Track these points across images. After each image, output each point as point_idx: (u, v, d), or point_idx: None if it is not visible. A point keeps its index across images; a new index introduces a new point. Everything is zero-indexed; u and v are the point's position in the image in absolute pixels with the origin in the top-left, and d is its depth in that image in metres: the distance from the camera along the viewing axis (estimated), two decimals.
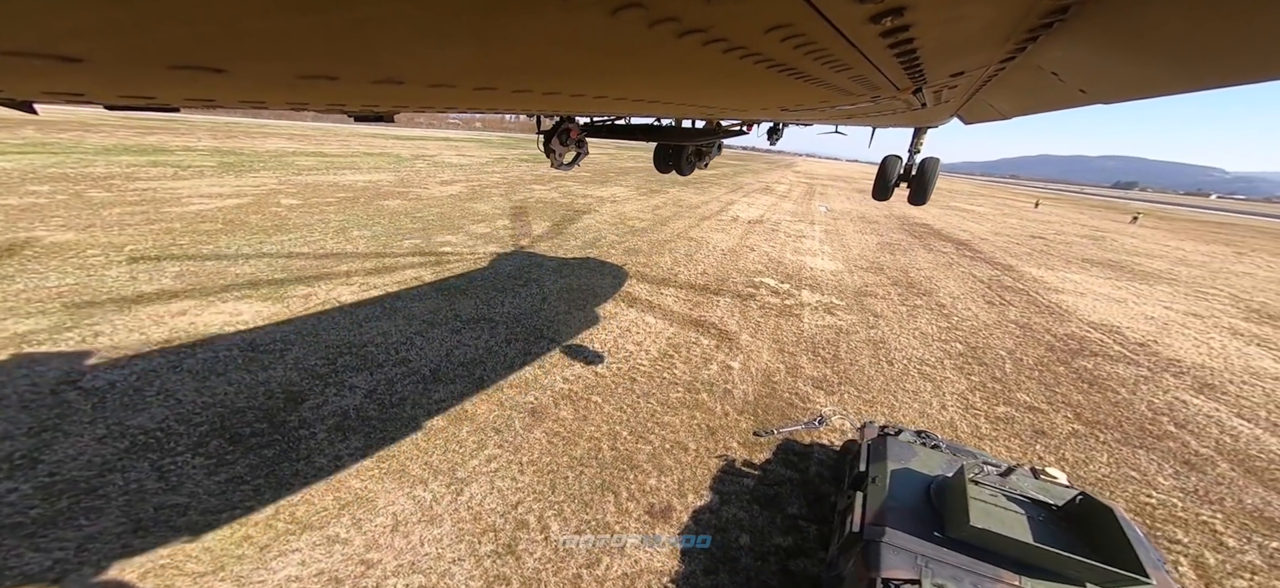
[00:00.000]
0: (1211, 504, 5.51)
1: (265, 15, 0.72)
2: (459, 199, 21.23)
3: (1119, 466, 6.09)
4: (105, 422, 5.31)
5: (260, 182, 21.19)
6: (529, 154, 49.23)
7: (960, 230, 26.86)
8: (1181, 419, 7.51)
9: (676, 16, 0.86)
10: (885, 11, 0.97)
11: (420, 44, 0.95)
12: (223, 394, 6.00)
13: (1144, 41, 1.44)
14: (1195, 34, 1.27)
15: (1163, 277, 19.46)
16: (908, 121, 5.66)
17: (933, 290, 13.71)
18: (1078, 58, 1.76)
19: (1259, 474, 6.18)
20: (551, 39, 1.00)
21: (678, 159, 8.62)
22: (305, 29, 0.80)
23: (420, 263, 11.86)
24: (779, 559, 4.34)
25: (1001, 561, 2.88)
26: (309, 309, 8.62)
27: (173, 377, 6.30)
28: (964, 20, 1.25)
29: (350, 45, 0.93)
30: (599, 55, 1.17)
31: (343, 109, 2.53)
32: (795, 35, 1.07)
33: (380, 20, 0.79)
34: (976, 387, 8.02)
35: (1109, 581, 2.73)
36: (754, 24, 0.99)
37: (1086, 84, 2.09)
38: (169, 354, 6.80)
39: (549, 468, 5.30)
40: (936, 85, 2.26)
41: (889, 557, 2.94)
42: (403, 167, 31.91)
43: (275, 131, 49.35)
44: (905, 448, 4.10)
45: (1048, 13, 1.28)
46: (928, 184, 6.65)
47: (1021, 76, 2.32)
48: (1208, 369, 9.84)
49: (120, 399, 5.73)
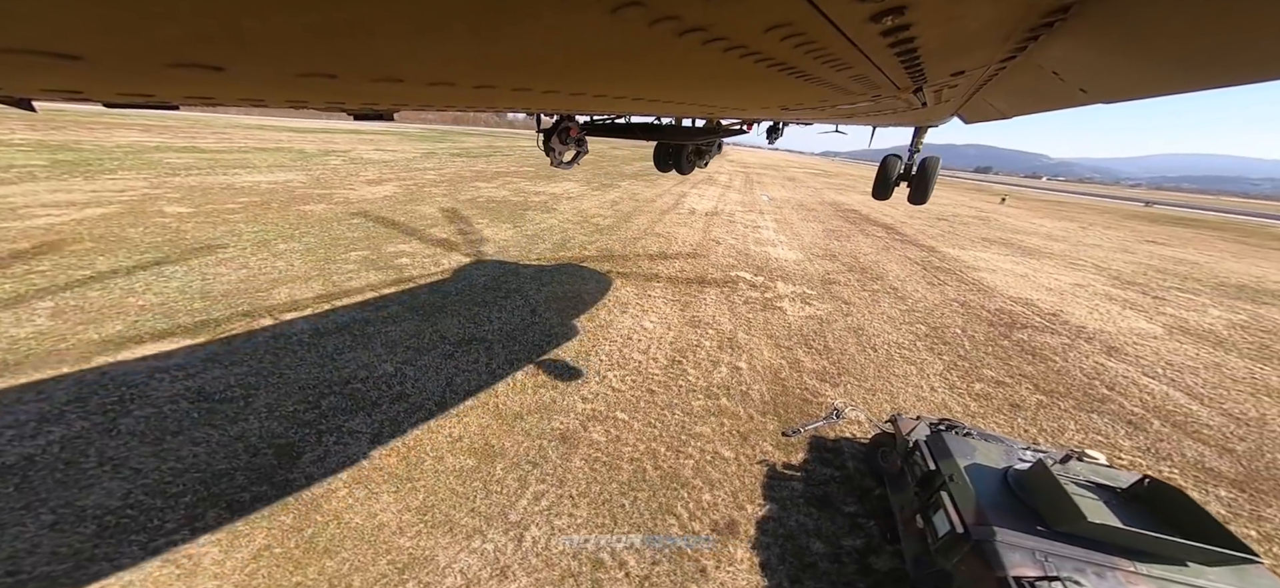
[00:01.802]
0: (1166, 460, 6.56)
1: (265, 14, 0.71)
2: (397, 201, 19.46)
3: (1087, 432, 7.05)
4: (47, 505, 4.23)
5: (124, 185, 17.77)
6: (460, 148, 46.39)
7: (884, 215, 29.42)
8: (1109, 382, 8.86)
9: (676, 15, 0.86)
10: (886, 11, 0.97)
11: (420, 42, 0.94)
12: (192, 457, 5.02)
13: (1145, 41, 1.47)
14: (1197, 34, 1.29)
15: (1042, 252, 22.72)
16: (908, 121, 5.77)
17: (883, 275, 14.92)
18: (1079, 57, 1.79)
19: (1183, 428, 7.46)
20: (551, 38, 1.00)
21: (678, 158, 8.55)
22: (305, 27, 0.79)
23: (377, 279, 10.72)
24: (855, 560, 4.51)
25: (1113, 550, 3.11)
26: (257, 344, 7.46)
27: (111, 441, 5.16)
28: (965, 19, 1.25)
29: (350, 43, 0.92)
30: (599, 54, 1.17)
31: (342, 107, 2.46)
32: (795, 34, 1.07)
33: (380, 18, 0.79)
34: (950, 367, 8.87)
35: (1215, 560, 3.03)
36: (754, 23, 0.98)
37: (1087, 83, 2.12)
38: (91, 415, 5.55)
39: (602, 498, 5.06)
40: (937, 85, 2.27)
41: (1010, 556, 3.12)
42: (312, 164, 28.55)
43: (121, 122, 41.42)
44: (963, 442, 4.39)
45: (1049, 12, 1.29)
46: (928, 183, 6.91)
47: (1022, 76, 2.36)
48: (1107, 333, 11.67)
49: (50, 476, 4.59)
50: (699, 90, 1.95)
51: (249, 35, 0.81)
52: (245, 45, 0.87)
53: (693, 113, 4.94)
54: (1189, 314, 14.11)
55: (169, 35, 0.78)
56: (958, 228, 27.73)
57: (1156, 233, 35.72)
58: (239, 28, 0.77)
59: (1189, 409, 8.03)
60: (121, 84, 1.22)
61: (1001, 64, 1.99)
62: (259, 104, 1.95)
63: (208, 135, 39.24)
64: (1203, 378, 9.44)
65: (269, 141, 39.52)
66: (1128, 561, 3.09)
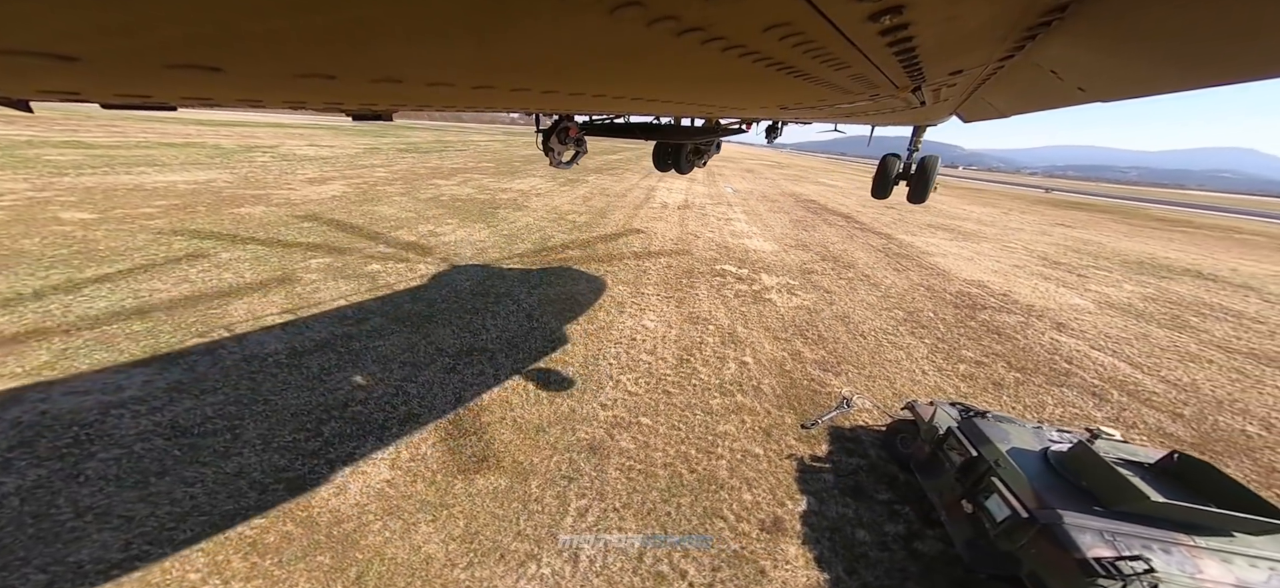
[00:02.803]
0: (1134, 429, 7.31)
1: (262, 15, 0.72)
2: (350, 202, 18.08)
3: (1064, 406, 7.74)
4: (33, 564, 3.58)
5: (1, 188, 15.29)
6: (406, 143, 43.71)
7: (838, 204, 30.86)
8: (1067, 357, 9.77)
9: (675, 15, 0.87)
10: (884, 10, 0.98)
11: (418, 43, 0.95)
12: (190, 499, 4.44)
13: (1142, 40, 1.50)
14: (1193, 33, 1.31)
15: (980, 236, 24.71)
16: (906, 120, 5.82)
17: (854, 263, 15.64)
18: (1076, 56, 1.82)
19: (1137, 396, 8.35)
20: (550, 38, 1.00)
21: (677, 157, 8.48)
22: (302, 28, 0.80)
23: (349, 288, 9.93)
24: (901, 546, 4.70)
25: (1171, 526, 3.33)
26: (226, 368, 6.70)
27: (82, 489, 4.47)
28: (963, 18, 1.27)
29: (348, 44, 0.92)
30: (598, 54, 1.18)
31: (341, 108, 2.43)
32: (794, 34, 1.08)
33: (378, 19, 0.79)
34: (933, 350, 9.44)
35: (1259, 529, 3.29)
36: (753, 23, 0.99)
37: (1085, 82, 2.16)
38: (45, 461, 4.77)
39: (645, 508, 4.97)
40: (935, 83, 2.28)
41: (1081, 537, 3.31)
42: (235, 161, 25.90)
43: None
44: (997, 427, 4.66)
45: (1046, 11, 1.31)
46: (927, 181, 6.96)
47: (1020, 74, 2.38)
48: (1051, 310, 12.87)
49: (21, 534, 3.89)
50: (698, 90, 1.96)
51: (247, 37, 0.81)
52: (243, 47, 0.86)
53: (691, 112, 4.96)
54: (1109, 289, 15.83)
55: (167, 37, 0.78)
56: (905, 215, 29.55)
57: (1062, 217, 39.75)
58: (237, 29, 0.76)
59: (1136, 379, 9.02)
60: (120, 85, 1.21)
61: (1000, 63, 2.03)
62: (257, 105, 1.93)
63: (93, 128, 34.56)
64: (1137, 348, 10.62)
65: (175, 136, 35.47)
66: (1186, 536, 3.31)
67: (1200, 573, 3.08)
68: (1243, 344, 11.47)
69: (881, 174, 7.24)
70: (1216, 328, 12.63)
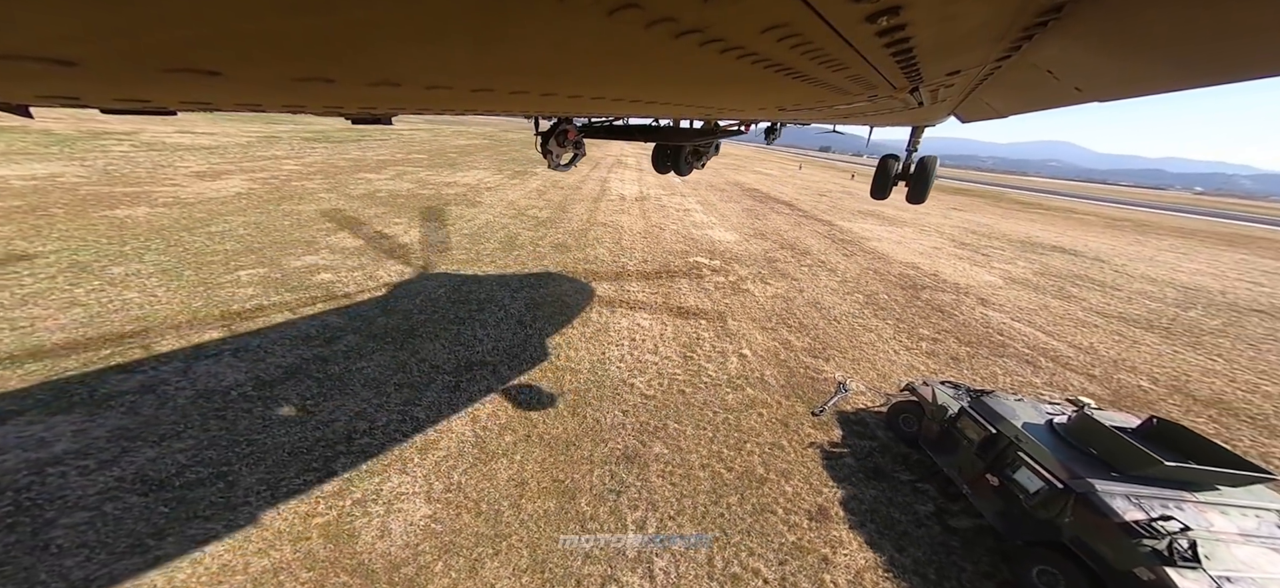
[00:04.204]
0: (1066, 391, 8.59)
1: (259, 18, 0.74)
2: (261, 201, 15.89)
3: (1010, 375, 8.89)
4: None
5: None
6: (313, 131, 38.95)
7: (779, 193, 32.53)
8: (997, 329, 11.22)
9: (673, 17, 0.89)
10: (881, 11, 1.00)
11: (417, 46, 0.97)
12: (213, 560, 3.77)
13: (1138, 40, 1.51)
14: (1188, 33, 1.33)
15: (898, 220, 27.35)
16: (905, 120, 5.68)
17: (808, 249, 16.66)
18: (1073, 56, 1.83)
19: (1058, 361, 9.81)
20: (548, 41, 1.03)
21: (676, 159, 8.46)
22: (300, 32, 0.81)
23: (293, 300, 8.82)
24: (936, 523, 5.18)
25: (1175, 486, 3.88)
26: (181, 406, 5.76)
27: (59, 560, 3.63)
28: (959, 19, 1.28)
29: (346, 48, 0.95)
30: (596, 56, 1.21)
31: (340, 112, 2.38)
32: (792, 35, 1.10)
33: (376, 23, 0.81)
34: (898, 330, 10.39)
35: (1238, 481, 3.88)
36: (751, 24, 1.01)
37: (1081, 82, 2.18)
38: None
39: (700, 513, 5.03)
40: (933, 84, 2.31)
41: (1114, 503, 3.82)
42: (82, 150, 21.37)
43: None
44: (1004, 403, 5.28)
45: (1042, 12, 1.33)
46: (927, 182, 6.87)
47: (1017, 75, 2.40)
48: (973, 287, 14.65)
49: None
50: (696, 92, 2.00)
51: (244, 40, 0.81)
52: (241, 50, 0.87)
53: (690, 114, 5.02)
54: (1008, 266, 18.32)
55: (165, 41, 0.78)
56: (837, 202, 31.89)
57: (952, 202, 45.03)
58: (234, 33, 0.77)
59: (1053, 346, 10.60)
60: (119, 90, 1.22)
61: (997, 63, 2.07)
62: (256, 108, 1.90)
63: None
64: (1044, 318, 12.46)
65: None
66: (1188, 493, 3.89)
67: (1212, 526, 3.68)
68: (1113, 309, 13.86)
69: (880, 174, 7.29)
70: (1090, 296, 15.13)
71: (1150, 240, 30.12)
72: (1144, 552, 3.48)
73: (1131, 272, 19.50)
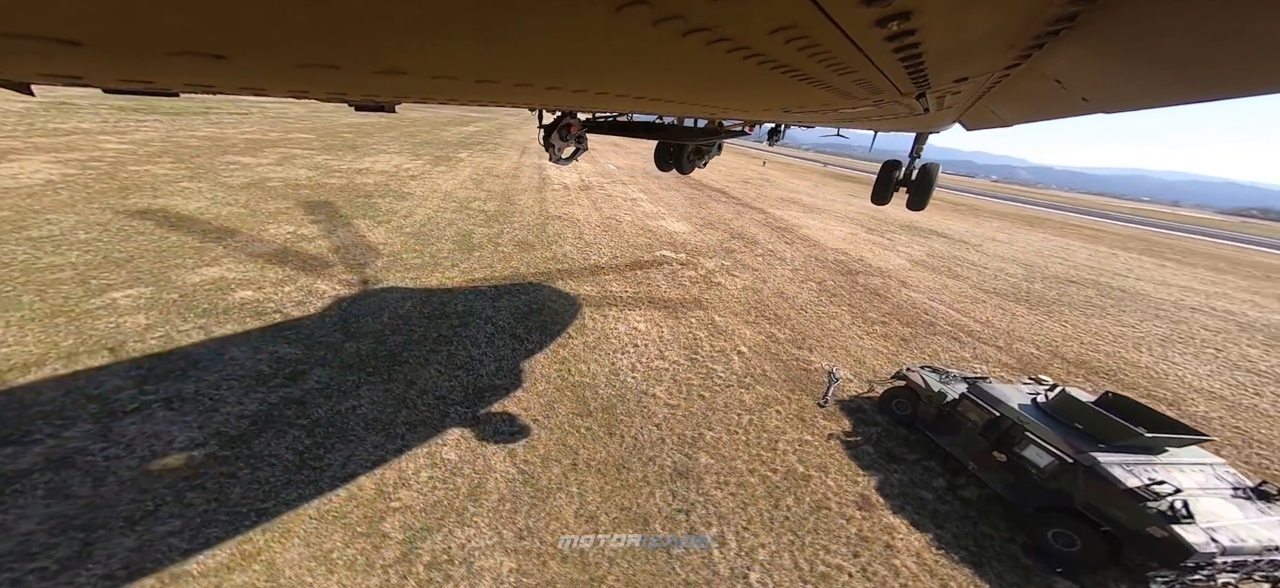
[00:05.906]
0: (986, 362, 10.19)
1: (266, 2, 0.74)
2: (92, 193, 12.67)
3: (948, 351, 10.33)
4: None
5: None
6: (140, 102, 31.43)
7: (711, 181, 33.51)
8: (923, 309, 12.94)
9: (681, 15, 0.89)
10: (892, 15, 1.00)
11: (423, 36, 0.98)
12: None
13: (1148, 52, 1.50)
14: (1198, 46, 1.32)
15: (816, 208, 29.94)
16: (910, 126, 5.71)
17: (756, 239, 17.60)
18: (1082, 66, 1.82)
19: (975, 336, 11.59)
20: (555, 35, 1.03)
21: (678, 157, 8.37)
22: (306, 18, 0.82)
23: (219, 327, 7.32)
24: (952, 497, 5.92)
25: (1143, 451, 4.78)
26: (124, 484, 4.59)
27: None
28: (970, 26, 1.29)
29: (351, 35, 0.95)
30: (602, 52, 1.21)
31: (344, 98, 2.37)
32: (800, 37, 1.10)
33: (382, 12, 0.82)
34: (853, 316, 11.51)
35: (1182, 444, 4.80)
36: (759, 25, 1.01)
37: (1089, 93, 2.17)
38: None
39: (765, 520, 5.23)
40: (940, 90, 2.32)
41: (1113, 471, 4.65)
42: None
43: None
44: (998, 387, 6.17)
45: (1054, 21, 1.33)
46: (928, 189, 7.02)
47: (1025, 83, 2.40)
48: (890, 270, 16.67)
49: None
50: (701, 91, 2.02)
51: (250, 25, 0.83)
52: (246, 35, 0.89)
53: (695, 113, 5.10)
54: (910, 249, 21.10)
55: (169, 23, 0.79)
56: (762, 190, 33.86)
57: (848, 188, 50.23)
58: (240, 17, 0.79)
59: (965, 322, 12.53)
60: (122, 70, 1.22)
61: (1005, 71, 2.10)
62: (260, 93, 1.92)
63: None
64: (950, 296, 14.63)
65: None
66: (1155, 457, 4.83)
67: (1182, 485, 4.63)
68: (990, 285, 16.69)
69: (882, 180, 7.51)
70: (971, 275, 18.04)
71: (984, 223, 36.44)
72: (1151, 513, 4.34)
73: (988, 251, 23.52)
